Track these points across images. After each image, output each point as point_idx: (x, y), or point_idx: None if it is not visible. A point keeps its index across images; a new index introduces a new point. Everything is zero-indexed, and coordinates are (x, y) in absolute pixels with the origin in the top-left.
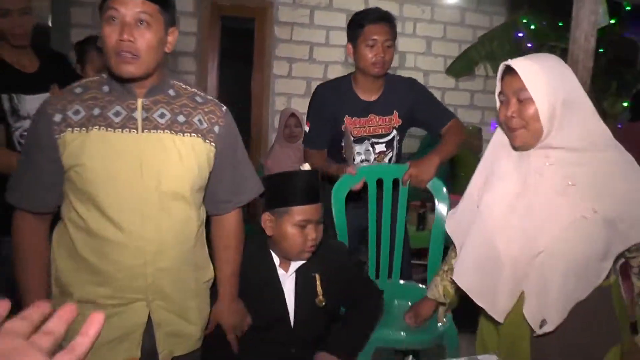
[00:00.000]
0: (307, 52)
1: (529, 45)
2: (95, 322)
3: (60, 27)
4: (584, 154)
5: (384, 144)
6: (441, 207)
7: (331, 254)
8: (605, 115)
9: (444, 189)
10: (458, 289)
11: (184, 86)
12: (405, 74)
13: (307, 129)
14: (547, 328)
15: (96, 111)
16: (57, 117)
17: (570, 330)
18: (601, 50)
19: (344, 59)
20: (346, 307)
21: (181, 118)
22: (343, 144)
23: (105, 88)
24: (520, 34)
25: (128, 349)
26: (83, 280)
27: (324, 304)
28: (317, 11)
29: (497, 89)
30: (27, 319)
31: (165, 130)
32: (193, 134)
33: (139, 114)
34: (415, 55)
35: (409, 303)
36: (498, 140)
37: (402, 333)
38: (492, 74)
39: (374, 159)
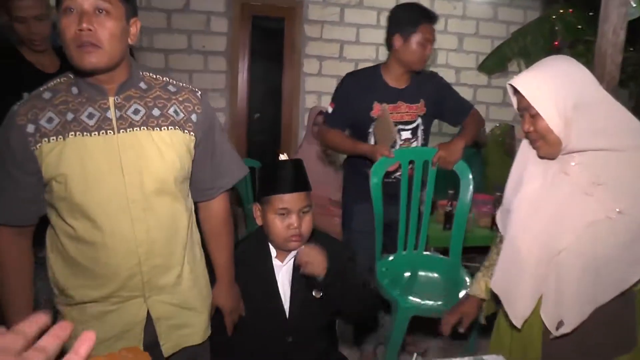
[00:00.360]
0: (337, 50)
1: (564, 40)
2: (86, 340)
3: None
4: (611, 152)
5: (410, 131)
6: (464, 190)
7: (326, 246)
8: None
9: (470, 174)
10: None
11: (154, 76)
12: (436, 71)
13: (330, 109)
14: (564, 329)
15: (69, 116)
16: (30, 128)
17: (585, 333)
18: None
19: (374, 57)
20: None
21: (156, 111)
22: (371, 130)
23: (74, 90)
24: (555, 29)
25: (128, 345)
26: (79, 284)
27: (320, 295)
28: (347, 9)
29: (515, 106)
30: (21, 334)
31: (142, 127)
32: (170, 127)
33: (112, 114)
34: (447, 52)
35: (435, 274)
36: (526, 147)
37: (438, 302)
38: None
39: (399, 145)
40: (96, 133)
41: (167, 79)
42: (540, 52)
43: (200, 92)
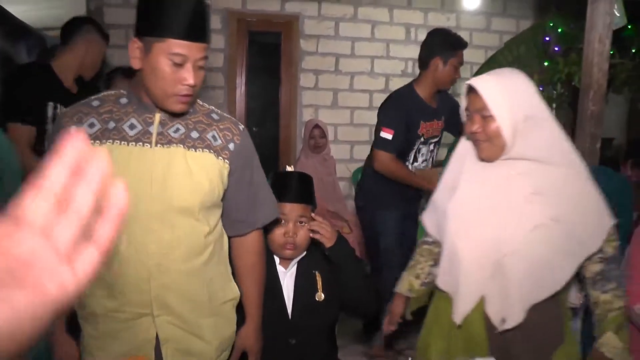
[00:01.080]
0: (332, 64)
1: (556, 48)
2: (119, 193)
3: None
4: (548, 166)
5: (434, 144)
6: None
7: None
8: None
9: None
10: (426, 285)
11: (201, 103)
12: None
13: (388, 135)
14: (507, 325)
15: (111, 125)
16: (72, 130)
17: (526, 329)
18: (634, 50)
19: (369, 70)
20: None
21: (194, 134)
22: (415, 148)
23: (123, 100)
24: (547, 38)
25: None
26: (96, 293)
27: (322, 298)
28: (342, 23)
29: (463, 105)
30: (49, 189)
31: (178, 145)
32: (205, 150)
33: (154, 128)
34: None
35: None
36: (463, 150)
37: None
38: None
39: (429, 158)
40: (134, 144)
41: (213, 108)
42: (534, 61)
43: (243, 127)
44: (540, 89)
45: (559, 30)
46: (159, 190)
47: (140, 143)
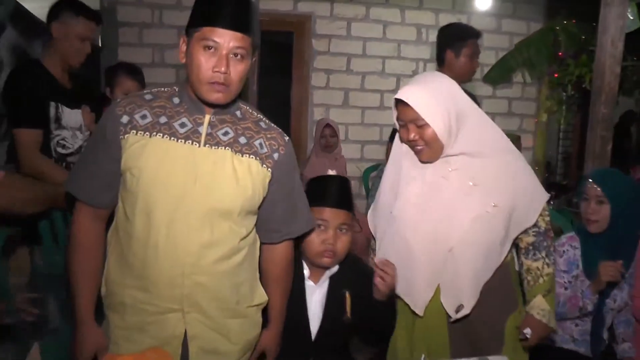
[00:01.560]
0: (344, 64)
1: (567, 50)
2: None
3: (110, 46)
4: (482, 158)
5: None
6: None
7: (364, 278)
8: None
9: None
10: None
11: (250, 110)
12: None
13: None
14: (465, 311)
15: (162, 119)
16: (124, 119)
17: (479, 306)
18: None
19: (380, 70)
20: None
21: (242, 139)
22: None
23: (176, 100)
24: (558, 39)
25: None
26: (127, 283)
27: (350, 319)
28: (354, 23)
29: (394, 114)
30: None
31: (227, 148)
32: (252, 156)
33: (204, 129)
34: None
35: None
36: (399, 150)
37: None
38: (529, 80)
39: None
40: (182, 141)
41: (261, 117)
42: (544, 63)
43: (288, 138)
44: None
45: (570, 32)
46: (203, 189)
47: (190, 141)
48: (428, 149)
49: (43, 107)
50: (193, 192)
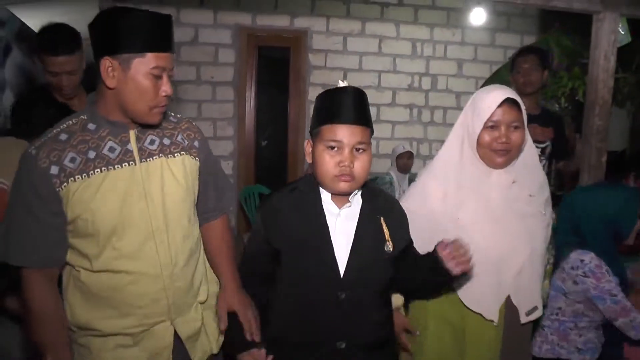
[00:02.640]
0: (340, 78)
1: (560, 63)
2: None
3: None
4: (531, 171)
5: (540, 150)
6: None
7: (393, 205)
8: None
9: None
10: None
11: None
12: (437, 96)
13: None
14: (538, 313)
15: (91, 154)
16: (54, 170)
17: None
18: (637, 65)
19: (377, 84)
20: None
21: (166, 140)
22: None
23: (91, 126)
24: (552, 53)
25: None
26: (105, 316)
27: (392, 249)
28: (349, 38)
29: (485, 116)
30: None
31: (160, 155)
32: (182, 152)
33: (133, 145)
34: (447, 78)
35: None
36: (455, 158)
37: None
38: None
39: None
40: (119, 166)
41: (168, 112)
42: None
43: (194, 123)
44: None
45: (563, 45)
46: (155, 203)
47: (126, 163)
48: (508, 154)
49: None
50: (148, 210)
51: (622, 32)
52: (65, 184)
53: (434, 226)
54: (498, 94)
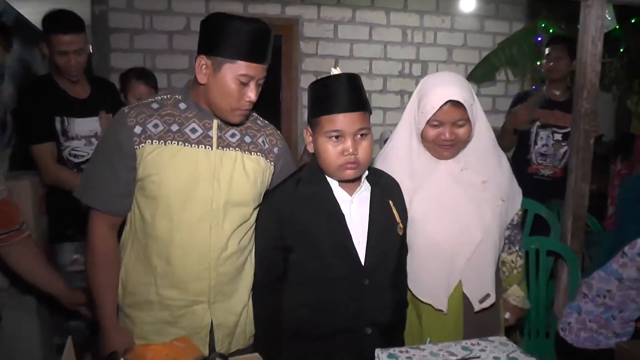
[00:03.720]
0: (332, 65)
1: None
2: None
3: (101, 52)
4: (485, 156)
5: (561, 135)
6: None
7: (395, 183)
8: (630, 114)
9: None
10: None
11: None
12: None
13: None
14: (491, 300)
15: (174, 127)
16: (137, 129)
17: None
18: (622, 50)
19: (368, 71)
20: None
21: (247, 139)
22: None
23: (182, 105)
24: (539, 38)
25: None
26: (150, 282)
27: (403, 230)
28: (340, 26)
29: (429, 115)
30: None
31: (237, 149)
32: (258, 153)
33: (214, 133)
34: (437, 64)
35: None
36: (404, 152)
37: None
38: (512, 78)
39: (552, 144)
40: (196, 146)
41: (256, 115)
42: (527, 61)
43: (279, 133)
44: (534, 88)
45: (551, 31)
46: (222, 189)
47: (202, 145)
48: (455, 148)
49: (49, 122)
50: (212, 192)
51: (609, 18)
52: (142, 144)
53: None
54: (443, 93)
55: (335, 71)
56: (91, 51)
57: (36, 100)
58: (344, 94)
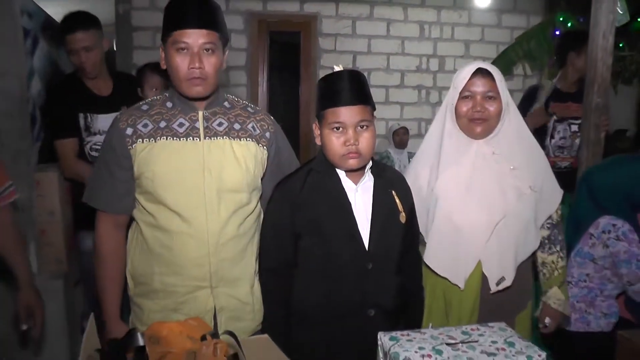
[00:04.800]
0: (350, 61)
1: None
2: None
3: (124, 49)
4: (520, 145)
5: (577, 126)
6: None
7: (400, 177)
8: None
9: None
10: None
11: (236, 99)
12: (444, 77)
13: None
14: (506, 283)
15: (162, 124)
16: (129, 131)
17: (509, 290)
18: None
19: (385, 66)
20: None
21: (237, 125)
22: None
23: (169, 104)
24: (557, 32)
25: None
26: (155, 271)
27: (405, 219)
28: (358, 22)
29: (460, 86)
30: None
31: (225, 137)
32: (248, 139)
33: (200, 124)
34: (454, 59)
35: None
36: (438, 131)
37: None
38: (530, 73)
39: (569, 136)
40: (184, 139)
41: (247, 102)
42: (544, 55)
43: (271, 117)
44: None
45: (569, 24)
46: (213, 176)
47: (190, 137)
48: (486, 124)
49: (72, 119)
50: (204, 180)
51: (621, 12)
52: (135, 144)
53: (420, 201)
54: (473, 65)
55: (338, 68)
56: (114, 48)
57: (61, 97)
58: (346, 88)
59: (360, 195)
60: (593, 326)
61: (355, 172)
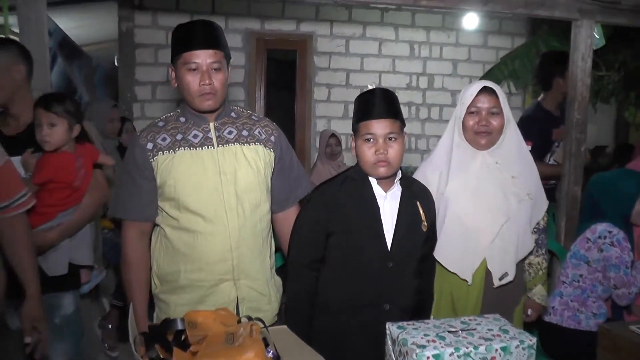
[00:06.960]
0: (344, 78)
1: None
2: None
3: (127, 66)
4: (519, 157)
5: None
6: None
7: (425, 191)
8: (628, 124)
9: None
10: None
11: (241, 109)
12: (433, 94)
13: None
14: (509, 278)
15: (179, 136)
16: (150, 145)
17: (503, 289)
18: (618, 64)
19: (378, 83)
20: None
21: (245, 132)
22: (553, 150)
23: (182, 119)
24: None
25: None
26: (181, 270)
27: (427, 228)
28: (352, 41)
29: (467, 103)
30: None
31: (235, 143)
32: (256, 143)
33: (213, 134)
34: (442, 77)
35: None
36: (449, 142)
37: None
38: (515, 91)
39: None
40: (200, 148)
41: (251, 112)
42: (528, 74)
43: (274, 123)
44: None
45: (551, 46)
46: (228, 180)
47: (205, 146)
48: (490, 137)
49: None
50: (222, 183)
51: (598, 37)
52: (156, 156)
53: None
54: (479, 84)
55: (371, 86)
56: (116, 64)
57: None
58: (377, 104)
59: (388, 202)
60: (583, 325)
61: (386, 181)
